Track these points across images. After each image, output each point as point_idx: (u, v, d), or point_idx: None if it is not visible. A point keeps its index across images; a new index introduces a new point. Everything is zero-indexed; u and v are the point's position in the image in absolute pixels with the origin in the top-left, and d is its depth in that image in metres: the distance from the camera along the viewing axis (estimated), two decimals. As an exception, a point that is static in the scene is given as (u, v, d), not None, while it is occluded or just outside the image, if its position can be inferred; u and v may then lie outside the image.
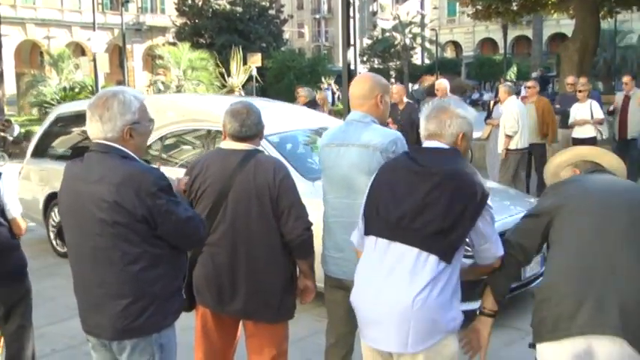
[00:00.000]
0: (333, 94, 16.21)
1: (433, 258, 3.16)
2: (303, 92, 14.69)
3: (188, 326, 4.13)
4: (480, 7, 21.41)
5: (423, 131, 3.47)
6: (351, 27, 13.26)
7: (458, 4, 32.32)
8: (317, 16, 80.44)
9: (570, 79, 13.78)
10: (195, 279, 4.09)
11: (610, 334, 2.96)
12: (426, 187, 3.24)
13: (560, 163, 3.60)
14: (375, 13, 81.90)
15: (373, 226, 3.38)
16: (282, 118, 8.29)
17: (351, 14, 13.24)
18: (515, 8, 20.96)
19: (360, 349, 3.51)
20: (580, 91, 12.35)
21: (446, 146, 3.39)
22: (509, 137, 11.24)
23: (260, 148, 4.23)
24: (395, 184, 3.36)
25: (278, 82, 41.20)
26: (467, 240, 3.29)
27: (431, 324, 3.13)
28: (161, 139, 8.17)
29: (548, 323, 3.11)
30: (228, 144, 4.14)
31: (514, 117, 11.19)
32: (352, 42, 13.34)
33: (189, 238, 3.41)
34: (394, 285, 3.18)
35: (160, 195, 3.19)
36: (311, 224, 4.08)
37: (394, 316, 3.14)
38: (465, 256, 3.36)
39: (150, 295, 3.24)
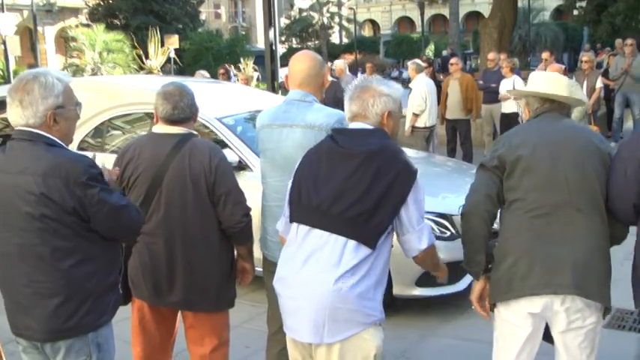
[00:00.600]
0: (235, 75, 16.04)
1: (353, 244, 3.02)
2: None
3: (124, 317, 3.92)
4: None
5: (347, 113, 3.34)
6: (272, 6, 12.99)
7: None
8: (233, -3, 79.60)
9: (491, 55, 13.95)
10: (131, 270, 3.88)
11: (563, 294, 3.16)
12: (346, 170, 3.11)
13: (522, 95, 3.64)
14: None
15: (296, 213, 3.24)
16: (234, 99, 7.96)
17: (272, -7, 12.98)
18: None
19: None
20: (504, 67, 12.53)
21: (370, 126, 3.24)
22: (415, 115, 11.48)
23: (194, 131, 4.03)
24: (317, 169, 3.22)
25: (196, 64, 40.47)
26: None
27: (348, 314, 2.99)
28: (103, 124, 7.57)
29: (502, 284, 3.27)
30: (160, 128, 3.93)
31: (421, 95, 11.42)
32: (273, 22, 13.07)
33: (125, 229, 3.19)
34: (311, 273, 3.05)
35: (91, 184, 2.96)
36: (249, 209, 3.93)
37: (311, 306, 3.02)
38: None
39: (84, 292, 3.03)
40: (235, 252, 4.08)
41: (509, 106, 12.19)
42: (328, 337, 3.02)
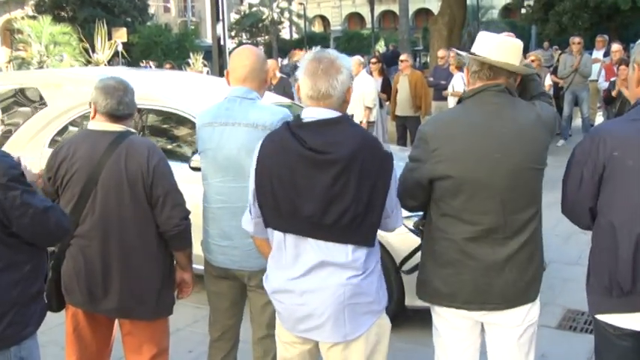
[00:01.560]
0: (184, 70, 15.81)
1: (353, 245, 2.98)
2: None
3: (60, 322, 3.72)
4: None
5: (309, 92, 2.98)
6: (220, 1, 12.80)
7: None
8: (183, -10, 78.75)
9: (441, 53, 14.04)
10: (64, 276, 3.67)
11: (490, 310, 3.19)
12: (328, 178, 2.89)
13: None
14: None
15: (277, 221, 3.06)
16: (209, 92, 7.32)
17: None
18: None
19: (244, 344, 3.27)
20: (452, 64, 12.62)
21: (334, 114, 2.97)
22: (369, 109, 11.52)
23: (132, 129, 3.83)
24: (291, 175, 2.96)
25: (145, 58, 40.01)
26: None
27: (366, 307, 3.03)
28: (73, 123, 6.96)
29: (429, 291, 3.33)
30: (98, 124, 3.73)
31: (375, 90, 11.64)
32: (221, 16, 12.87)
33: (50, 233, 2.98)
34: (320, 279, 2.99)
35: (12, 186, 2.77)
36: (189, 213, 3.76)
37: (328, 308, 2.98)
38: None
39: (6, 302, 2.83)
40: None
41: (453, 102, 12.26)
42: (352, 334, 3.02)
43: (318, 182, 2.91)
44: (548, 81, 12.71)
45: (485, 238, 3.11)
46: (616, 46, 13.14)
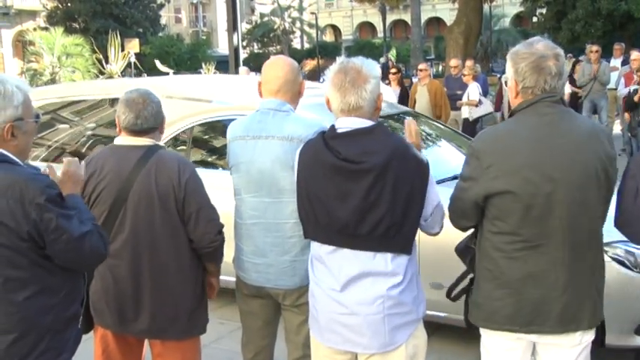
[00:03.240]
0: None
1: (391, 255, 2.98)
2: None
3: (87, 337, 3.62)
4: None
5: (339, 105, 2.99)
6: (236, 11, 12.77)
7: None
8: (194, 1, 78.95)
9: (453, 62, 13.99)
10: (93, 296, 3.53)
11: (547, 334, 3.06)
12: (361, 188, 2.89)
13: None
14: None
15: (314, 232, 3.09)
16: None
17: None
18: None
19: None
20: (465, 74, 12.71)
21: (367, 124, 2.97)
22: None
23: (160, 143, 3.72)
24: (325, 186, 2.98)
25: (157, 69, 40.15)
26: None
27: (404, 317, 3.03)
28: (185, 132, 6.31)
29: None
30: (124, 139, 3.62)
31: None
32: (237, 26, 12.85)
33: (85, 260, 2.85)
34: (361, 290, 2.99)
35: (48, 207, 2.65)
36: (222, 226, 3.65)
37: (369, 319, 2.98)
38: None
39: (40, 327, 2.71)
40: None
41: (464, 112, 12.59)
42: (391, 344, 3.02)
43: (353, 192, 2.92)
44: (567, 89, 12.62)
45: (546, 255, 2.95)
46: (636, 54, 13.03)
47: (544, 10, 39.64)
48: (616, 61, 15.52)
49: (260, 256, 3.65)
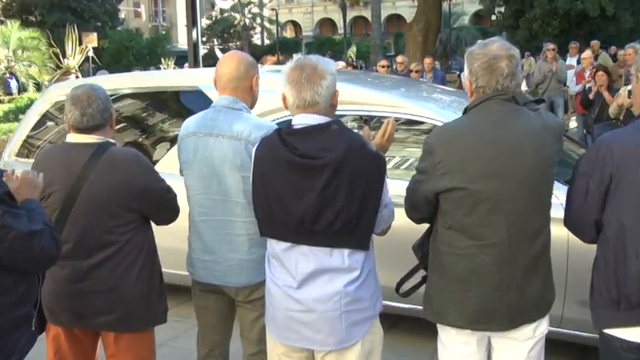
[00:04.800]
0: (77, 78, 15.11)
1: (348, 250, 2.99)
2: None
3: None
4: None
5: (295, 101, 2.99)
6: (196, 6, 12.64)
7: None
8: (153, -5, 78.32)
9: (399, 59, 14.15)
10: (46, 295, 3.42)
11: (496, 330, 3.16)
12: (319, 184, 2.89)
13: None
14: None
15: (271, 229, 3.09)
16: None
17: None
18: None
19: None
20: (411, 71, 12.75)
21: (323, 120, 2.98)
22: None
23: (111, 140, 3.63)
24: (282, 182, 2.98)
25: (116, 64, 39.70)
26: None
27: (362, 313, 3.04)
28: None
29: None
30: (72, 137, 3.54)
31: None
32: (197, 21, 12.73)
33: (33, 260, 2.77)
34: (318, 286, 3.00)
35: None
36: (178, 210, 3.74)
37: (327, 315, 2.99)
38: None
39: None
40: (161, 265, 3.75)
41: None
42: (347, 340, 3.03)
43: (309, 188, 2.92)
44: (524, 87, 12.78)
45: (490, 253, 3.01)
46: (586, 53, 13.30)
47: (502, 9, 40.05)
48: (572, 60, 15.79)
49: (208, 253, 3.66)
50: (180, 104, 6.43)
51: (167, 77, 8.12)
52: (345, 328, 3.00)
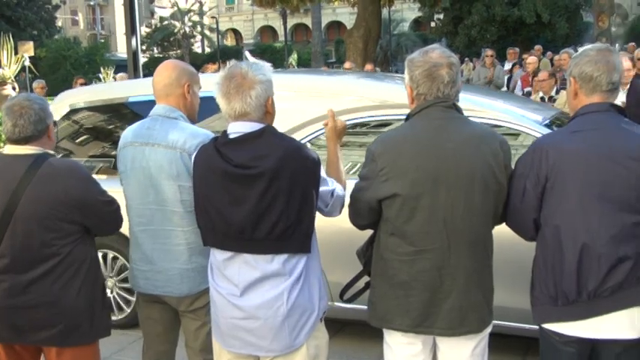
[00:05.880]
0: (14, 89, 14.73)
1: (288, 254, 3.00)
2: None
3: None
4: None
5: (226, 111, 3.01)
6: (135, 13, 12.48)
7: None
8: (91, 3, 77.23)
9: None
10: None
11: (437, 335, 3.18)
12: (256, 192, 2.91)
13: None
14: (152, 1, 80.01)
15: (213, 239, 3.10)
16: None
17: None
18: (299, -4, 21.17)
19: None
20: None
21: (256, 127, 2.98)
22: None
23: (50, 151, 3.52)
24: (220, 192, 2.99)
25: (54, 73, 39.08)
26: None
27: (305, 317, 3.04)
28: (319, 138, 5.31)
29: None
30: (9, 148, 3.44)
31: None
32: (136, 30, 12.57)
33: None
34: (260, 293, 3.00)
35: None
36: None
37: (270, 321, 3.00)
38: None
39: None
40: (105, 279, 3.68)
41: None
42: (292, 345, 3.04)
43: (247, 197, 2.93)
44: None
45: (431, 259, 3.04)
46: (532, 58, 13.55)
47: (442, 16, 40.66)
48: (509, 65, 16.06)
49: (148, 263, 3.63)
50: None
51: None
52: (289, 333, 3.01)
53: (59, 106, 6.55)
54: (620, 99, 7.50)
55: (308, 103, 5.37)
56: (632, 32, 38.65)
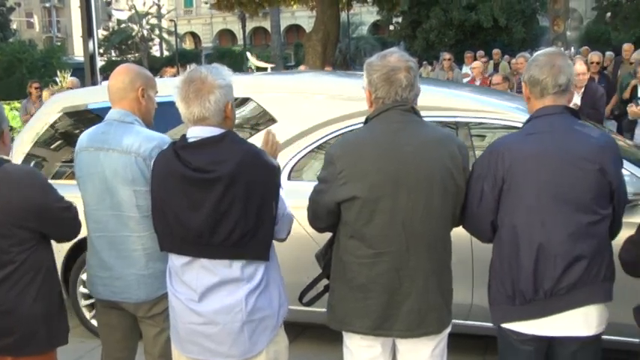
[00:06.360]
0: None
1: (248, 261, 3.00)
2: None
3: None
4: (222, -2, 21.24)
5: (185, 116, 3.01)
6: (92, 16, 12.34)
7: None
8: (47, 5, 76.28)
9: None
10: None
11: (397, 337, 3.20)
12: (214, 197, 2.90)
13: None
14: (109, 3, 79.17)
15: (170, 244, 3.07)
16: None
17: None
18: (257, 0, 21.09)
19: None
20: None
21: (216, 132, 2.98)
22: None
23: (7, 157, 3.43)
24: (178, 197, 2.97)
25: (9, 77, 38.52)
26: None
27: (264, 323, 3.05)
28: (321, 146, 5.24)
29: None
30: None
31: None
32: (93, 32, 12.42)
33: None
34: (218, 299, 2.99)
35: None
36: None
37: (229, 326, 2.99)
38: None
39: None
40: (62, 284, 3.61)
41: None
42: (251, 351, 3.04)
43: (204, 202, 2.92)
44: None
45: (390, 261, 3.05)
46: (477, 63, 13.79)
47: (400, 19, 40.93)
48: (467, 68, 16.22)
49: (105, 269, 3.59)
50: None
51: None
52: (248, 339, 3.01)
53: (52, 109, 6.31)
54: (575, 101, 7.63)
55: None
56: (587, 36, 39.31)
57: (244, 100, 5.42)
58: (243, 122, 5.42)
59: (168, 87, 3.48)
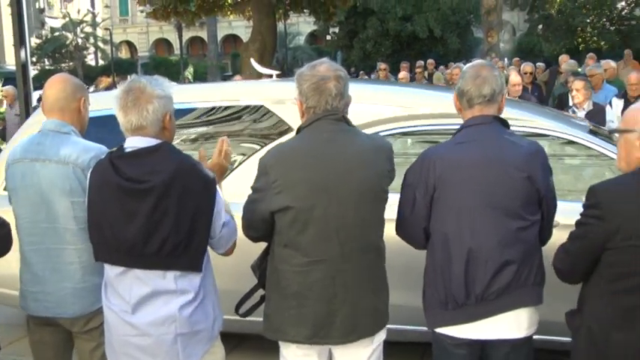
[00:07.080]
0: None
1: (181, 272, 2.99)
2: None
3: None
4: (158, 7, 21.07)
5: (123, 125, 3.01)
6: (23, 24, 12.11)
7: (131, 3, 31.87)
8: (-23, 13, 74.50)
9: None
10: None
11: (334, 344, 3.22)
12: (147, 207, 2.90)
13: None
14: (42, 11, 77.60)
15: (105, 254, 3.05)
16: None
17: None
18: (193, 9, 20.96)
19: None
20: None
21: (152, 142, 2.98)
22: None
23: None
24: (113, 207, 2.96)
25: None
26: None
27: (198, 335, 3.04)
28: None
29: None
30: None
31: None
32: (25, 40, 12.19)
33: None
34: (151, 311, 2.99)
35: None
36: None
37: (162, 339, 2.98)
38: None
39: None
40: None
41: None
42: None
43: (138, 212, 2.93)
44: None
45: (324, 269, 3.08)
46: (403, 73, 14.19)
47: (337, 29, 41.20)
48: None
49: (38, 284, 3.53)
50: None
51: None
52: (182, 351, 3.00)
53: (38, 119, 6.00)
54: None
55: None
56: (520, 47, 40.15)
57: (257, 108, 5.33)
58: (257, 131, 5.33)
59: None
